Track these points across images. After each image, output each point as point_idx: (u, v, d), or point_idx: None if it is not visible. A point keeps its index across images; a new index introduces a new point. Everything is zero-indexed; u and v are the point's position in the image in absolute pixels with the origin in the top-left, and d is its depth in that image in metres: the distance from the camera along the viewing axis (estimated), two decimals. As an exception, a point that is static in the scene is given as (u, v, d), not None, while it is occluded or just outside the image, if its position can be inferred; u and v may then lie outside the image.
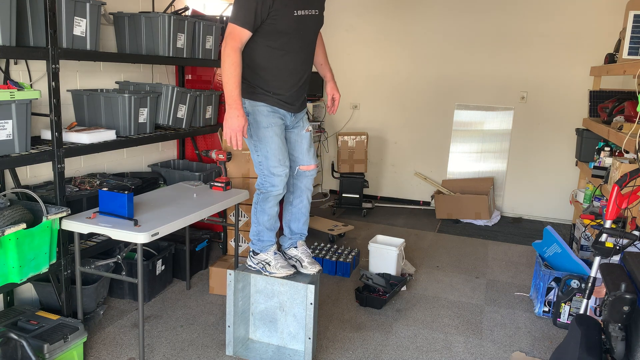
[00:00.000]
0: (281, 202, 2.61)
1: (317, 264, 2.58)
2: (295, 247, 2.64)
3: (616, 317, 1.92)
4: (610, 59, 4.08)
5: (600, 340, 2.06)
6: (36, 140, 2.68)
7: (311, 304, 2.41)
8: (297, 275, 2.52)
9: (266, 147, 2.34)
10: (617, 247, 2.24)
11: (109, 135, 2.84)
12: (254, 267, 2.56)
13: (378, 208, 5.50)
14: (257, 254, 2.55)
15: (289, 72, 2.35)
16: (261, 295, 2.65)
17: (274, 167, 2.37)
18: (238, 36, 2.18)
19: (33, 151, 2.42)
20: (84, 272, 2.59)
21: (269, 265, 2.51)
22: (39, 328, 2.34)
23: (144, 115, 3.06)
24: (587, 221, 3.43)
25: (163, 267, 3.24)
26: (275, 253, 2.54)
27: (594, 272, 2.34)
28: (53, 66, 2.41)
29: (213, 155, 3.24)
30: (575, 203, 4.54)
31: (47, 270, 2.42)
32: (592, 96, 4.39)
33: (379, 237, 3.69)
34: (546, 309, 3.14)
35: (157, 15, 3.12)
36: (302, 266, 2.57)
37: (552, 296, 3.10)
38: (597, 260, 2.32)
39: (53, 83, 2.41)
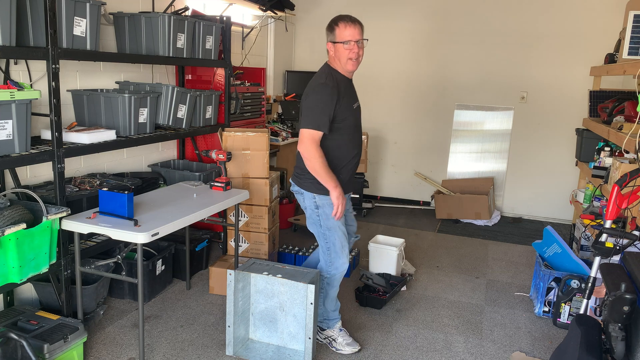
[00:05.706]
0: None
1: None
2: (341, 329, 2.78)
3: (616, 317, 1.92)
4: (610, 59, 4.07)
5: (600, 340, 2.06)
6: (36, 140, 2.67)
7: (311, 304, 2.42)
8: (297, 276, 2.52)
9: (334, 235, 2.57)
10: (617, 247, 2.24)
11: (109, 135, 2.84)
12: (321, 342, 2.74)
13: (378, 208, 5.50)
14: (324, 330, 2.73)
15: (353, 155, 2.60)
16: (261, 295, 2.65)
17: (337, 253, 2.59)
18: (315, 138, 2.42)
19: (33, 151, 2.41)
20: (84, 272, 2.59)
21: (335, 342, 2.69)
22: (39, 328, 2.33)
23: (144, 115, 3.06)
24: (587, 221, 3.43)
25: (163, 267, 3.24)
26: (340, 330, 2.71)
27: (594, 272, 2.34)
28: (53, 66, 2.41)
29: (213, 155, 3.24)
30: (575, 203, 4.54)
31: (47, 270, 2.41)
32: (592, 96, 4.39)
33: (379, 237, 3.69)
34: (546, 309, 3.14)
35: (157, 15, 3.12)
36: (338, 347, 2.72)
37: (552, 296, 3.10)
38: (597, 260, 2.32)
39: (53, 83, 2.41)
